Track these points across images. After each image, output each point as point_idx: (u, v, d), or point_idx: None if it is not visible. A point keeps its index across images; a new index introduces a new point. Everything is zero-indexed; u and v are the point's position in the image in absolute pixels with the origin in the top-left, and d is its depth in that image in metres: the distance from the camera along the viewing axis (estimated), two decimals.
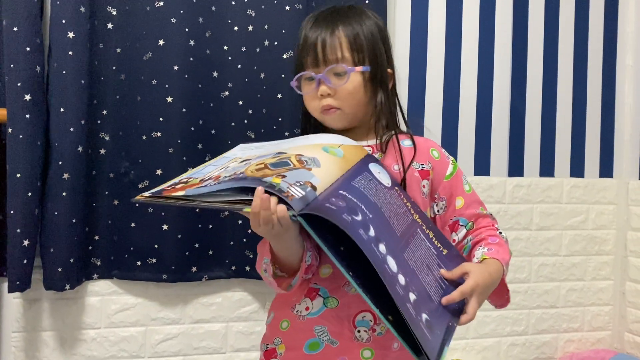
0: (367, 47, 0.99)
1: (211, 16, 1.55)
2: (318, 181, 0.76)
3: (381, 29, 1.04)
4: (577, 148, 1.94)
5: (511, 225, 1.86)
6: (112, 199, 1.50)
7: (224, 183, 0.75)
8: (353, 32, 0.99)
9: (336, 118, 1.01)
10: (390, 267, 0.71)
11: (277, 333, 0.98)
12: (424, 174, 1.02)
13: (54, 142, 1.38)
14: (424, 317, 0.71)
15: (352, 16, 1.01)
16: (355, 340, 0.92)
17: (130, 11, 1.49)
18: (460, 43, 1.81)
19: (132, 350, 1.53)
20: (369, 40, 1.00)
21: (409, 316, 0.69)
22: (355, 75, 0.98)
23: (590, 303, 1.96)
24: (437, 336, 0.72)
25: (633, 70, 1.97)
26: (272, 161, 0.80)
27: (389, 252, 0.73)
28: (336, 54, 0.98)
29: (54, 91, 1.38)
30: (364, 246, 0.69)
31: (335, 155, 0.86)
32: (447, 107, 1.80)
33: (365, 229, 0.71)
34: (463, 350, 1.82)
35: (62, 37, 1.38)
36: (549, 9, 1.90)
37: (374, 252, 0.70)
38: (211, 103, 1.55)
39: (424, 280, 0.78)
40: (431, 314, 0.74)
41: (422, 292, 0.75)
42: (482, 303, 0.88)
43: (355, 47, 0.98)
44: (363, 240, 0.69)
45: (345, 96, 0.98)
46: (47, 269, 1.39)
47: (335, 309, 0.93)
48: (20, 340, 1.46)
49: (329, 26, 0.99)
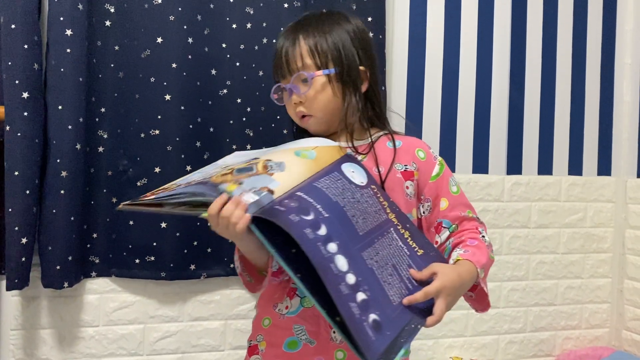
0: (330, 49, 1.00)
1: (209, 14, 1.55)
2: (277, 185, 0.79)
3: (352, 31, 1.03)
4: (576, 146, 1.95)
5: (509, 223, 1.86)
6: (111, 197, 1.50)
7: (182, 188, 0.80)
8: (314, 38, 1.00)
9: (312, 124, 1.03)
10: (338, 266, 0.72)
11: (259, 330, 1.01)
12: (407, 175, 1.01)
13: (52, 140, 1.38)
14: (371, 318, 0.71)
15: (317, 23, 1.02)
16: (331, 341, 0.94)
17: (128, 9, 1.49)
18: (459, 41, 1.81)
19: (131, 348, 1.53)
20: (332, 43, 1.00)
21: (350, 315, 0.69)
22: (318, 80, 0.99)
23: (588, 301, 1.96)
24: (386, 337, 0.71)
25: (631, 68, 1.97)
26: (239, 167, 0.85)
27: (341, 251, 0.74)
28: (297, 63, 1.00)
29: (52, 89, 1.38)
30: (306, 245, 0.70)
31: (307, 157, 0.89)
32: (445, 105, 1.80)
33: (313, 228, 0.73)
34: (461, 348, 1.82)
35: (60, 35, 1.37)
36: (548, 6, 1.90)
37: (319, 250, 0.71)
38: (209, 101, 1.55)
39: (385, 280, 0.78)
40: (384, 314, 0.73)
41: (377, 292, 0.75)
42: (451, 305, 0.87)
43: (317, 52, 0.99)
44: (307, 239, 0.71)
45: (312, 101, 1.00)
46: (46, 266, 1.39)
47: (311, 308, 0.94)
48: (19, 338, 1.46)
49: (291, 36, 1.02)
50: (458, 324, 1.82)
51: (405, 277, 0.83)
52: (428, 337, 1.79)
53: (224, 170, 0.85)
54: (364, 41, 1.05)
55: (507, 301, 1.87)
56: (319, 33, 1.00)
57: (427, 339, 1.79)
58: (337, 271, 0.71)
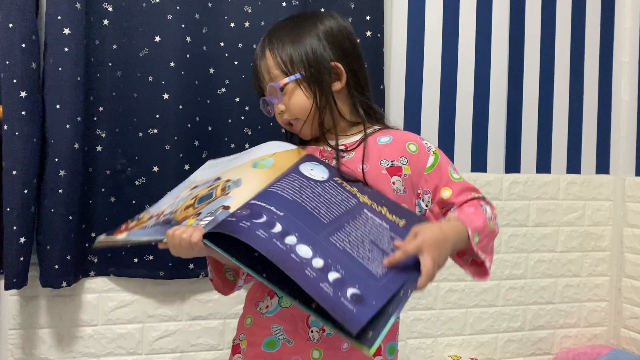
0: (294, 55, 1.01)
1: (207, 12, 1.54)
2: (232, 200, 0.84)
3: (324, 30, 1.03)
4: (574, 144, 1.95)
5: (508, 222, 1.86)
6: (109, 196, 1.50)
7: (150, 228, 0.88)
8: (277, 48, 1.02)
9: (299, 128, 1.05)
10: (300, 254, 0.74)
11: (242, 329, 1.02)
12: (393, 171, 0.99)
13: (50, 139, 1.37)
14: (349, 292, 0.72)
15: (282, 31, 1.04)
16: (308, 341, 0.94)
17: (126, 7, 1.49)
18: (457, 39, 1.81)
19: (129, 347, 1.53)
20: (296, 48, 1.01)
21: (321, 295, 0.70)
22: (288, 87, 1.01)
23: (586, 299, 1.96)
24: (372, 307, 0.72)
25: (629, 67, 1.97)
26: (202, 194, 0.92)
27: (303, 241, 0.76)
28: (266, 76, 1.04)
29: (50, 88, 1.37)
30: (258, 244, 0.73)
31: (264, 167, 0.94)
32: (443, 103, 1.80)
33: (267, 228, 0.76)
34: (460, 346, 1.83)
35: (57, 34, 1.37)
36: (546, 5, 1.90)
37: (275, 245, 0.74)
38: (208, 100, 1.55)
39: (363, 256, 0.80)
40: (365, 286, 0.74)
41: (354, 269, 0.77)
42: (439, 260, 0.83)
43: (281, 61, 1.02)
44: (259, 239, 0.74)
45: (292, 108, 1.02)
46: (44, 266, 1.39)
47: (289, 308, 0.95)
48: (17, 338, 1.46)
49: (260, 50, 1.06)
50: (456, 323, 1.82)
51: (390, 249, 0.83)
52: (426, 335, 1.79)
53: (189, 197, 0.92)
54: (335, 37, 1.04)
55: (506, 299, 1.87)
56: (283, 42, 1.02)
57: (425, 338, 1.79)
58: (300, 259, 0.73)
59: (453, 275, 1.81)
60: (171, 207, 0.94)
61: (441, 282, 1.80)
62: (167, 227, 0.85)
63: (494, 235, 0.97)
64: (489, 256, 0.95)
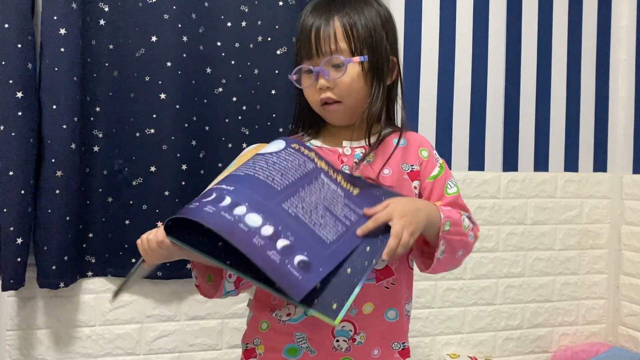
0: (364, 35, 0.94)
1: (204, 12, 1.54)
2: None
3: (384, 16, 0.98)
4: (571, 143, 1.95)
5: (506, 220, 1.86)
6: (106, 197, 1.49)
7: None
8: (349, 20, 0.94)
9: (337, 112, 0.97)
10: (249, 223, 0.74)
11: (256, 333, 0.98)
12: (413, 175, 0.97)
13: (47, 140, 1.37)
14: (296, 259, 0.73)
15: (350, 4, 0.96)
16: (333, 350, 0.92)
17: (122, 7, 1.49)
18: (455, 37, 1.81)
19: (128, 348, 1.53)
20: (366, 29, 0.94)
21: (268, 263, 0.71)
22: (353, 67, 0.93)
23: (584, 297, 1.97)
24: (318, 273, 0.73)
25: (626, 65, 1.98)
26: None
27: (252, 209, 0.76)
28: (331, 45, 0.93)
29: (46, 88, 1.37)
30: (206, 218, 0.73)
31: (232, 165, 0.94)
32: (441, 102, 1.80)
33: (215, 203, 0.77)
34: (458, 344, 1.83)
35: (53, 34, 1.37)
36: (543, 3, 1.90)
37: (222, 217, 0.74)
38: (205, 99, 1.55)
39: (315, 222, 0.80)
40: (314, 253, 0.75)
41: (304, 235, 0.77)
42: (410, 228, 0.80)
43: (352, 36, 0.93)
44: (207, 214, 0.74)
45: (345, 89, 0.94)
46: (41, 267, 1.39)
47: (314, 317, 0.90)
48: (15, 339, 1.46)
49: (324, 15, 0.94)
50: (455, 321, 1.82)
51: (342, 215, 0.83)
52: (425, 334, 1.79)
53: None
54: (393, 27, 1.00)
55: (504, 298, 1.87)
56: (355, 14, 0.94)
57: (424, 336, 1.79)
58: (248, 228, 0.74)
59: (451, 274, 1.81)
60: None
61: (439, 281, 1.80)
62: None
63: (464, 242, 0.91)
64: (448, 255, 0.89)
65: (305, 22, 0.96)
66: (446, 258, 0.89)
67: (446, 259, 0.89)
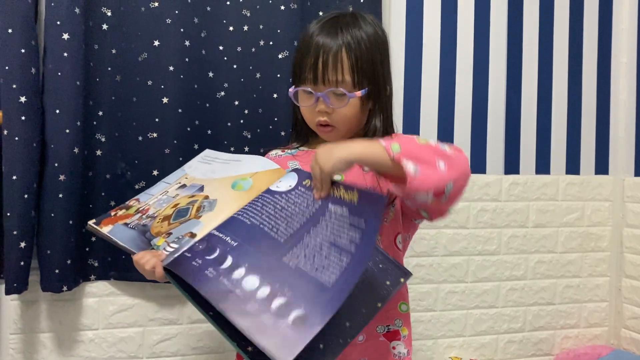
0: (367, 69, 0.98)
1: (206, 16, 1.55)
2: (201, 227, 0.88)
3: (383, 43, 1.02)
4: (573, 145, 1.95)
5: (507, 223, 1.87)
6: (109, 200, 1.50)
7: (129, 232, 0.94)
8: (355, 54, 0.97)
9: (331, 135, 1.02)
10: (245, 287, 0.74)
11: None
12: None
13: (50, 144, 1.38)
14: (292, 316, 0.71)
15: (356, 32, 0.99)
16: None
17: (125, 12, 1.49)
18: (456, 41, 1.82)
19: (130, 351, 1.53)
20: (370, 63, 0.98)
21: (259, 328, 0.69)
22: (354, 100, 0.98)
23: (586, 300, 1.97)
24: (313, 328, 0.69)
25: (627, 67, 1.98)
26: (182, 205, 0.96)
27: (251, 271, 0.77)
28: (337, 77, 0.97)
29: (50, 93, 1.38)
30: (204, 287, 0.74)
31: (242, 189, 0.95)
32: (442, 105, 1.81)
33: (216, 265, 0.78)
34: (460, 347, 1.83)
35: (57, 39, 1.38)
36: (544, 6, 1.90)
37: (220, 285, 0.75)
38: (207, 103, 1.55)
39: (318, 266, 0.78)
40: (312, 304, 0.73)
41: (302, 286, 0.75)
42: (325, 164, 0.84)
43: (356, 70, 0.97)
44: (206, 280, 0.75)
45: (342, 117, 0.99)
46: (44, 270, 1.39)
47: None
48: (18, 342, 1.46)
49: (333, 44, 0.97)
50: (457, 324, 1.82)
51: (347, 242, 0.81)
52: (427, 337, 1.79)
53: (171, 203, 0.98)
54: (387, 52, 1.04)
55: (506, 301, 1.87)
56: (361, 47, 0.97)
57: (426, 339, 1.79)
58: (244, 293, 0.74)
59: (453, 277, 1.81)
60: (155, 207, 0.99)
61: (441, 284, 1.80)
62: (142, 238, 0.91)
63: (434, 150, 0.86)
64: (426, 169, 0.82)
65: (312, 42, 0.98)
66: (426, 172, 0.82)
67: (427, 173, 0.82)
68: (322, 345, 0.75)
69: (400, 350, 1.01)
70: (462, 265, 1.82)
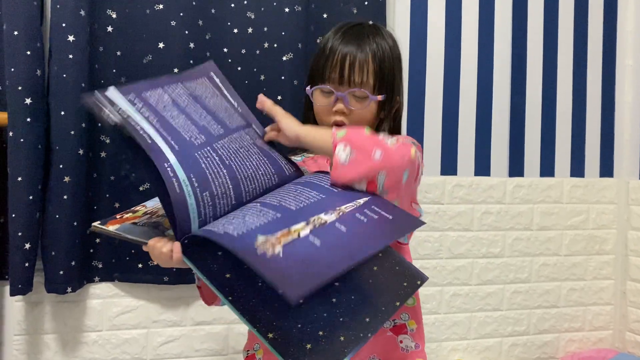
0: (388, 75, 1.00)
1: (211, 19, 1.55)
2: None
3: (399, 55, 1.05)
4: (577, 148, 1.95)
5: (512, 226, 1.86)
6: (113, 202, 1.50)
7: (139, 228, 0.88)
8: (380, 60, 0.99)
9: None
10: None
11: (256, 340, 1.02)
12: None
13: (55, 146, 1.38)
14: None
15: (381, 41, 1.01)
16: None
17: (130, 14, 1.50)
18: (460, 44, 1.82)
19: (134, 353, 1.54)
20: (390, 69, 1.01)
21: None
22: (373, 104, 1.00)
23: (591, 303, 1.96)
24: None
25: (633, 70, 1.97)
26: None
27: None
28: (362, 78, 0.98)
29: (55, 94, 1.38)
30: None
31: None
32: (446, 108, 1.80)
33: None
34: (464, 350, 1.82)
35: (62, 41, 1.38)
36: (549, 8, 1.90)
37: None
38: None
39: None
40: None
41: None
42: (282, 121, 0.91)
43: (380, 74, 0.99)
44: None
45: (359, 119, 0.99)
46: (49, 272, 1.39)
47: None
48: (23, 343, 1.46)
49: (360, 47, 0.99)
50: (461, 327, 1.82)
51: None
52: (431, 340, 1.78)
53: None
54: (401, 66, 1.06)
55: (510, 303, 1.87)
56: (385, 55, 1.00)
57: (430, 342, 1.79)
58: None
59: (457, 280, 1.81)
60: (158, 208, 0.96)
61: (445, 287, 1.80)
62: (155, 231, 0.86)
63: (374, 141, 0.84)
64: (360, 155, 0.82)
65: (338, 48, 1.00)
66: (358, 160, 0.82)
67: (358, 160, 0.82)
68: (343, 337, 0.75)
69: (407, 344, 1.01)
70: (466, 267, 1.82)
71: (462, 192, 1.81)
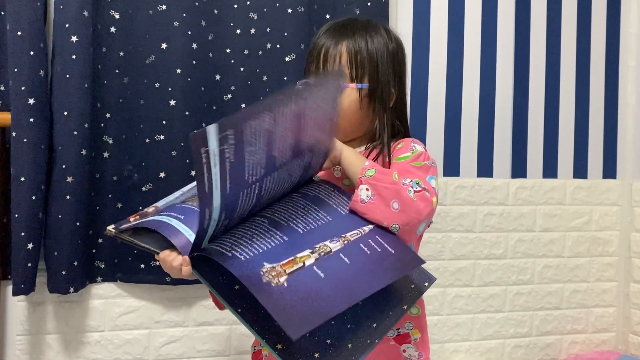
0: (368, 64, 0.99)
1: (213, 19, 1.55)
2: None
3: (393, 48, 1.03)
4: (580, 149, 1.94)
5: (514, 227, 1.86)
6: (116, 202, 1.50)
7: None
8: (355, 46, 0.99)
9: None
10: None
11: None
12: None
13: (58, 146, 1.38)
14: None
15: (362, 31, 1.01)
16: None
17: (133, 15, 1.50)
18: (463, 45, 1.81)
19: (136, 353, 1.54)
20: (371, 58, 0.99)
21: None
22: (350, 92, 0.98)
23: (594, 304, 1.95)
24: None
25: (636, 71, 1.97)
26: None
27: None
28: (334, 67, 0.99)
29: (58, 95, 1.39)
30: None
31: None
32: (449, 109, 1.80)
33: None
34: (467, 352, 1.82)
35: (65, 41, 1.38)
36: (552, 10, 1.90)
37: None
38: (214, 106, 1.56)
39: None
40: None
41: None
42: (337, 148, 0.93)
43: (355, 63, 0.99)
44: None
45: (339, 108, 0.98)
46: (52, 272, 1.39)
47: None
48: (25, 344, 1.46)
49: (334, 39, 1.01)
50: (463, 328, 1.81)
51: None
52: (433, 341, 1.78)
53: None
54: (400, 61, 1.05)
55: (513, 305, 1.86)
56: (363, 42, 1.00)
57: (432, 344, 1.78)
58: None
59: (459, 281, 1.80)
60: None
61: (447, 288, 1.80)
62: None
63: (396, 191, 0.86)
64: (378, 202, 0.86)
65: (317, 42, 1.03)
66: (375, 205, 0.86)
67: (375, 206, 0.86)
68: (350, 345, 0.75)
69: (411, 354, 1.00)
70: (468, 269, 1.82)
71: (464, 194, 1.81)
